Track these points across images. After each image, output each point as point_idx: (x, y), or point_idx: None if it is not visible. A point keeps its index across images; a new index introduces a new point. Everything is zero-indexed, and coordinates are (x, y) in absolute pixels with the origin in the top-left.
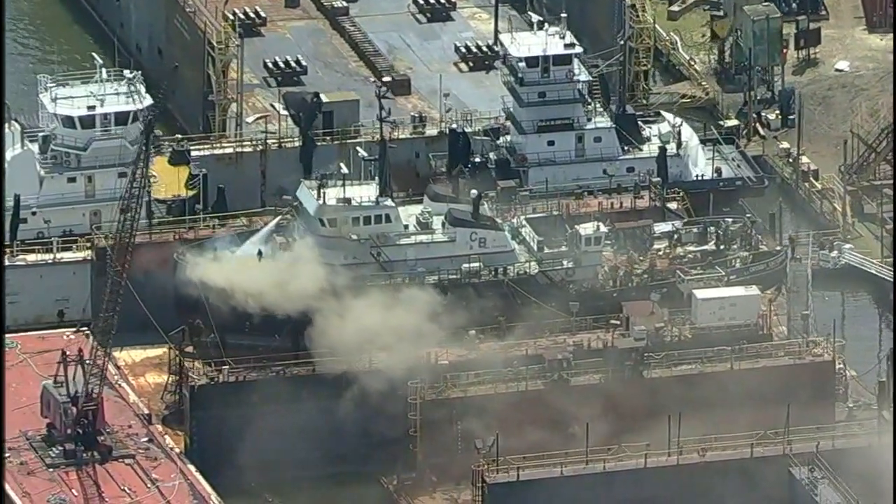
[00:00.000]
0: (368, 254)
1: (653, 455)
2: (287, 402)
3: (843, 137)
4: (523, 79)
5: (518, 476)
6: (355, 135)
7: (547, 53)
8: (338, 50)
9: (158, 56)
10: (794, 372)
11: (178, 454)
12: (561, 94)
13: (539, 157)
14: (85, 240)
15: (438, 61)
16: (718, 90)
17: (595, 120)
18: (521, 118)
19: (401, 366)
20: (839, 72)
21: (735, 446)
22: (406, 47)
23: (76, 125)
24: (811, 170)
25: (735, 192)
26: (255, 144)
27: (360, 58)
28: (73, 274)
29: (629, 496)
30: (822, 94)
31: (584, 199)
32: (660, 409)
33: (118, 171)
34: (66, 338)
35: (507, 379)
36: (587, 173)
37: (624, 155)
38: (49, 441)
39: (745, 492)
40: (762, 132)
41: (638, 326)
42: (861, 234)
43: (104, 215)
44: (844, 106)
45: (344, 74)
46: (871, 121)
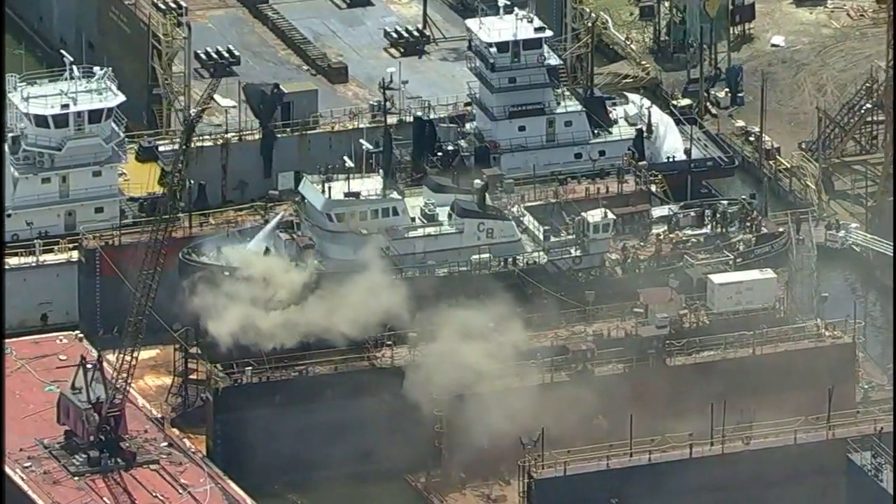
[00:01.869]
0: (379, 248)
1: (697, 445)
2: (310, 402)
3: (793, 114)
4: (495, 64)
5: (565, 470)
6: (314, 126)
7: (517, 38)
8: (263, 39)
9: (90, 50)
10: (815, 355)
11: (202, 458)
12: (532, 79)
13: (511, 144)
14: (66, 241)
15: (368, 47)
16: (659, 69)
17: (565, 104)
18: (492, 104)
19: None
20: (775, 47)
21: (777, 433)
22: (332, 34)
23: (49, 124)
24: (774, 148)
25: (706, 174)
26: (216, 139)
27: (289, 46)
28: (57, 276)
29: (675, 486)
30: (764, 70)
31: (569, 184)
32: (685, 398)
33: (92, 171)
34: (60, 342)
35: (531, 371)
36: (559, 158)
37: (595, 139)
38: (70, 449)
39: (796, 479)
40: (713, 111)
41: (660, 314)
42: (836, 211)
43: (79, 215)
44: (789, 82)
45: (275, 63)
46: (818, 96)
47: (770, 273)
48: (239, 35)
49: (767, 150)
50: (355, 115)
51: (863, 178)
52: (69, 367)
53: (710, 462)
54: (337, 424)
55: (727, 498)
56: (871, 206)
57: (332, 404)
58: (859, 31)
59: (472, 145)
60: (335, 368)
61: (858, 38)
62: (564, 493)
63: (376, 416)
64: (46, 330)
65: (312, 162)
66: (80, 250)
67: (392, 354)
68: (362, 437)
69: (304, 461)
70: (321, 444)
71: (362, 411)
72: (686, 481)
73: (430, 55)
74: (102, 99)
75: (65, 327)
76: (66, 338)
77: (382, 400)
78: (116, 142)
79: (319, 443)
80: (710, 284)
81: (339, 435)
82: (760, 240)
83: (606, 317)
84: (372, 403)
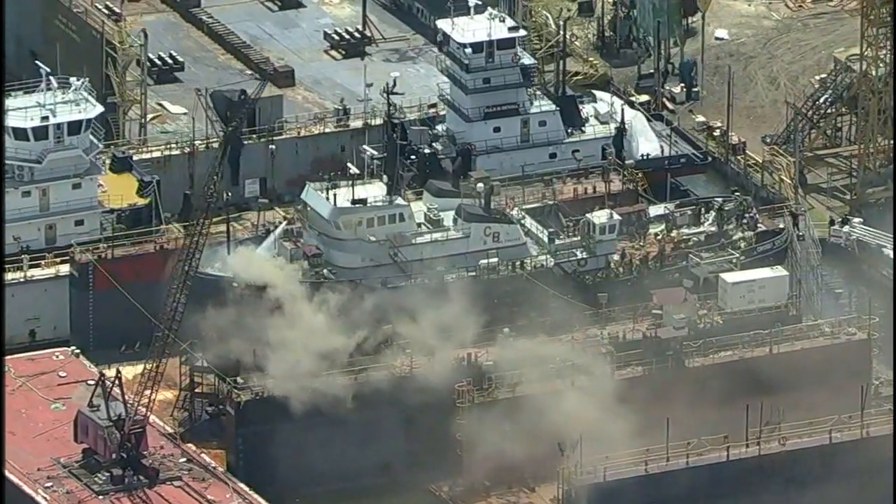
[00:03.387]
0: (387, 255)
1: (734, 447)
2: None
3: (749, 108)
4: (469, 65)
5: (604, 476)
6: (280, 131)
7: (492, 38)
8: (200, 44)
9: (32, 59)
10: (831, 352)
11: (224, 473)
12: (507, 79)
13: (486, 145)
14: (53, 255)
15: (308, 50)
16: (607, 66)
17: (538, 103)
18: (466, 106)
19: (443, 370)
20: (720, 40)
21: (811, 433)
22: (268, 37)
23: (29, 137)
24: (740, 142)
25: (681, 170)
26: (182, 146)
27: (228, 50)
28: (45, 291)
29: (713, 489)
30: (713, 64)
31: (553, 185)
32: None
33: (72, 183)
34: (57, 359)
35: (552, 376)
36: (534, 158)
37: (568, 138)
38: (90, 467)
39: (835, 479)
40: (670, 106)
41: (677, 315)
42: (812, 205)
43: (59, 229)
44: (740, 75)
45: (217, 68)
46: (771, 88)
47: (781, 271)
48: (175, 41)
49: (734, 146)
50: (320, 120)
51: (837, 171)
52: (71, 384)
53: (747, 464)
54: (359, 436)
55: (764, 500)
56: (851, 199)
57: (353, 415)
58: (801, 22)
59: (447, 148)
60: (355, 379)
61: (801, 30)
62: (604, 499)
63: (397, 427)
64: (35, 346)
65: (280, 168)
66: (72, 264)
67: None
68: (384, 449)
69: (327, 474)
70: (343, 457)
71: (383, 421)
72: (723, 484)
73: (372, 56)
74: (81, 110)
75: (52, 343)
76: (61, 354)
77: (402, 409)
78: (95, 153)
79: (341, 455)
80: (722, 283)
81: (361, 446)
82: (761, 237)
83: (619, 319)
84: (392, 413)
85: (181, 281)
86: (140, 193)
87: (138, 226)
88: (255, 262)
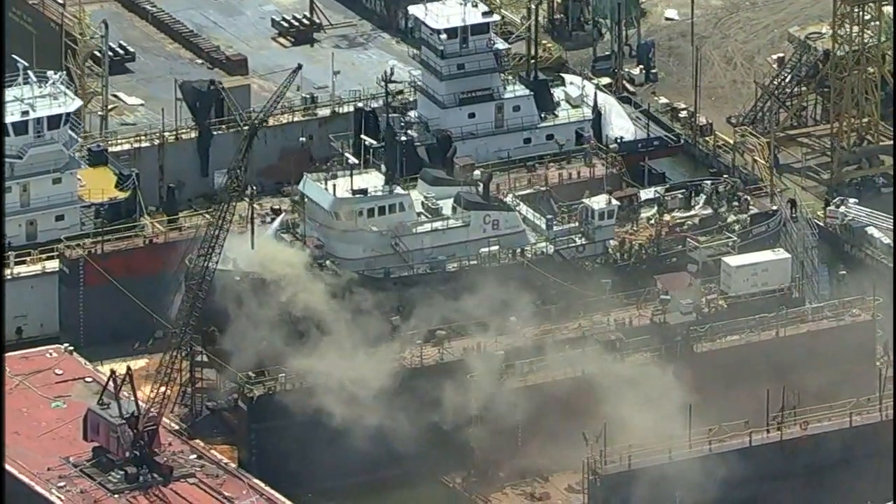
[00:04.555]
0: (389, 245)
1: (757, 432)
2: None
3: (710, 88)
4: (444, 51)
5: (629, 465)
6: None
7: (466, 23)
8: (146, 33)
9: None
10: (836, 334)
11: (237, 469)
12: (481, 64)
13: (462, 131)
14: (39, 252)
15: (256, 37)
16: (561, 48)
17: (512, 88)
18: (441, 92)
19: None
20: (670, 20)
21: (830, 416)
22: (214, 25)
23: (9, 132)
24: (708, 123)
25: (655, 153)
26: (152, 138)
27: (176, 39)
28: (32, 288)
29: (737, 475)
30: (666, 45)
31: (536, 170)
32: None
33: (52, 178)
34: (51, 356)
35: (562, 364)
36: (509, 144)
37: (542, 122)
38: (102, 466)
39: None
40: (631, 88)
41: (685, 300)
42: (787, 185)
43: (40, 224)
44: (693, 55)
45: (167, 58)
46: (729, 68)
47: (784, 253)
48: (119, 30)
49: (701, 127)
50: (289, 109)
51: (810, 150)
52: (68, 381)
53: (770, 449)
54: (371, 429)
55: (788, 485)
56: (827, 179)
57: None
58: (749, 1)
59: (422, 135)
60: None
61: (751, 9)
62: (629, 488)
63: (409, 420)
64: (22, 344)
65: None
66: (62, 260)
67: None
68: (396, 442)
69: (339, 468)
70: (354, 451)
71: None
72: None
73: (322, 43)
74: (60, 104)
75: (40, 341)
76: (54, 351)
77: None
78: (74, 148)
79: (352, 449)
80: (725, 267)
81: (373, 440)
82: (755, 219)
83: (623, 305)
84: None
85: (201, 276)
86: (119, 187)
87: (118, 220)
88: (278, 254)
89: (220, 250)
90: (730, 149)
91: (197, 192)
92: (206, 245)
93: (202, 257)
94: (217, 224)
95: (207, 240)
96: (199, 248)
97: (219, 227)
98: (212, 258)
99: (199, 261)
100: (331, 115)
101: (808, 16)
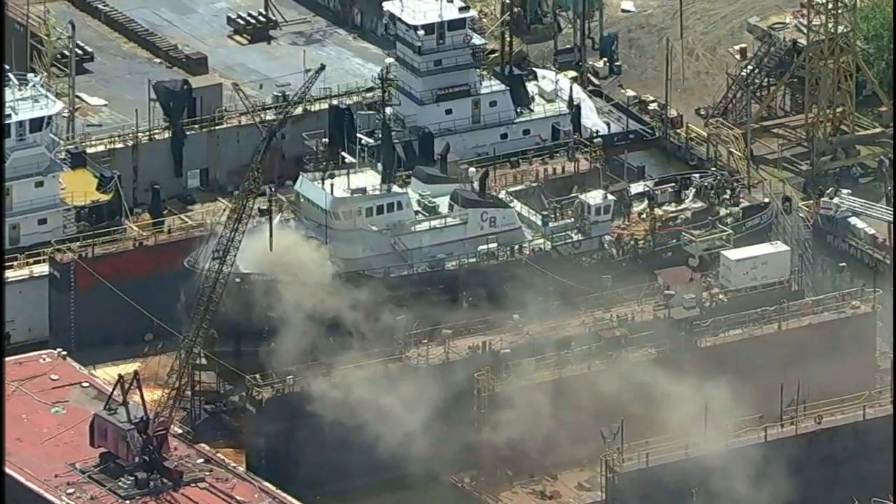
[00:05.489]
0: (388, 244)
1: (772, 427)
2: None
3: (675, 80)
4: (421, 47)
5: (647, 462)
6: (220, 121)
7: (443, 19)
8: (100, 33)
9: None
10: (837, 326)
11: (246, 472)
12: (458, 60)
13: (439, 128)
14: (26, 256)
15: (212, 35)
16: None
17: (489, 83)
18: (418, 88)
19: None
20: (626, 12)
21: (841, 410)
22: (168, 24)
23: None
24: (678, 116)
25: (631, 146)
26: (126, 139)
27: (132, 39)
28: (20, 293)
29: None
30: (626, 37)
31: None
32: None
33: (35, 181)
34: (44, 361)
35: (567, 361)
36: (486, 140)
37: (518, 117)
38: (111, 471)
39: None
40: (596, 81)
41: (688, 294)
42: (763, 177)
43: (23, 228)
44: (657, 47)
45: (125, 58)
46: (691, 60)
47: (782, 246)
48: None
49: (672, 119)
50: (261, 108)
51: (786, 141)
52: (64, 386)
53: (786, 443)
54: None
55: (804, 478)
56: (807, 170)
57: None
58: None
59: (400, 132)
60: (373, 371)
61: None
62: (647, 485)
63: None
64: (10, 349)
65: (222, 159)
66: (52, 264)
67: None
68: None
69: (349, 469)
70: (363, 451)
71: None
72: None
73: (279, 40)
74: (42, 106)
75: (28, 346)
76: (48, 356)
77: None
78: (56, 151)
79: (361, 449)
80: (724, 261)
81: (380, 440)
82: (747, 212)
83: (623, 300)
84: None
85: (215, 278)
86: (101, 189)
87: (101, 222)
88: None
89: (235, 252)
90: (703, 141)
91: (170, 193)
92: (221, 248)
93: (217, 260)
94: (233, 226)
95: (222, 242)
96: (214, 252)
97: (234, 229)
98: (226, 261)
99: (213, 264)
100: (303, 113)
101: (765, 6)
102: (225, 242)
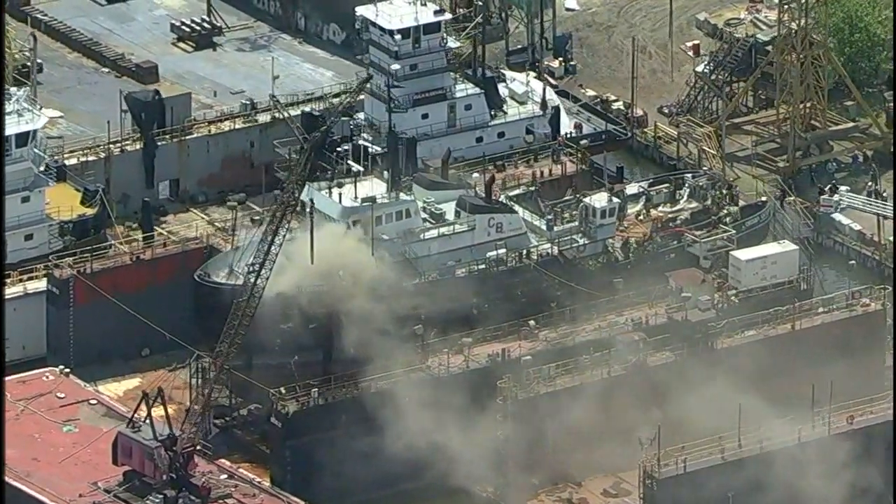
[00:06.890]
0: (398, 252)
1: (805, 429)
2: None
3: (629, 79)
4: (398, 52)
5: (685, 468)
6: (190, 130)
7: (419, 23)
8: (42, 43)
9: None
10: (848, 325)
11: (271, 487)
12: (434, 64)
13: (417, 132)
14: (18, 273)
15: (155, 43)
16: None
17: (463, 86)
18: (395, 94)
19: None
20: (571, 10)
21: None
22: (108, 33)
23: None
24: (644, 114)
25: (604, 147)
26: (98, 151)
27: (75, 49)
28: (14, 311)
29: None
30: (576, 36)
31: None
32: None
33: (21, 197)
34: (47, 379)
35: (587, 367)
36: (461, 143)
37: (492, 121)
38: (137, 490)
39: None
40: (553, 81)
41: (703, 297)
42: (738, 175)
43: (10, 244)
44: (607, 46)
45: (71, 68)
46: (644, 58)
47: (790, 245)
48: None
49: (637, 118)
50: (229, 117)
51: (759, 137)
52: (72, 404)
53: (818, 445)
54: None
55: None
56: (784, 167)
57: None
58: None
59: (375, 138)
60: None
61: None
62: (685, 490)
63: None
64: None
65: (192, 169)
66: (51, 280)
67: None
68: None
69: (376, 481)
70: (391, 463)
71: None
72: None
73: (224, 46)
74: (27, 121)
75: (24, 363)
76: (51, 374)
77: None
78: (41, 165)
79: (388, 461)
80: (734, 261)
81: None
82: (744, 211)
83: (634, 304)
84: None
85: (249, 293)
86: (86, 203)
87: (85, 236)
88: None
89: (271, 266)
90: (672, 139)
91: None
92: (257, 261)
93: (252, 274)
94: (269, 240)
95: (259, 255)
96: (251, 265)
97: (271, 242)
98: (262, 274)
99: (248, 277)
100: (272, 120)
101: (710, 2)
102: (262, 256)
